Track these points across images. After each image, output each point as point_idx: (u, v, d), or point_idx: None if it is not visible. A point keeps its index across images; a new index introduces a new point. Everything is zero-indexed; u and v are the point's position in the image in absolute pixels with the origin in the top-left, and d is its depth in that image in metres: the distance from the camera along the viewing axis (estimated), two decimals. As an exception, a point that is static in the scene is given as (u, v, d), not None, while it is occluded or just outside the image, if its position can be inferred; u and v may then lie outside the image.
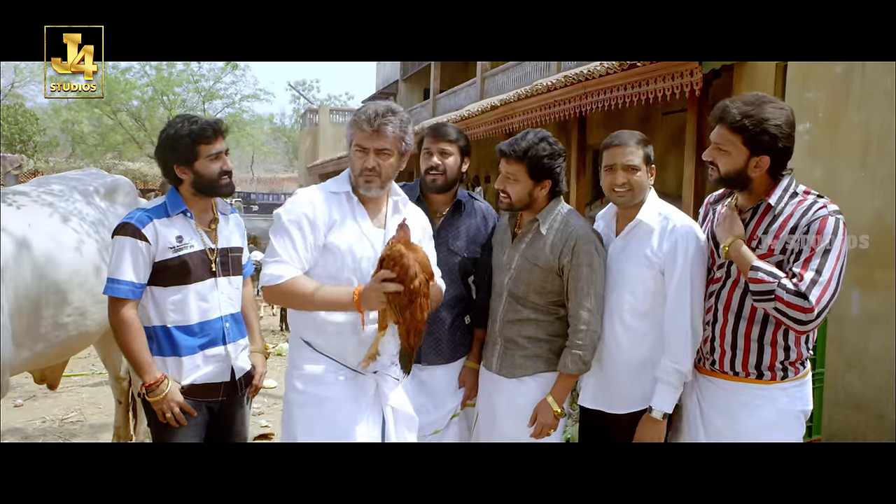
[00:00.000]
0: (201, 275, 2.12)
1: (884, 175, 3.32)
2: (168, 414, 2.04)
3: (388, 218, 2.07)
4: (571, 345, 2.10)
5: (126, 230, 2.05)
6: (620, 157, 2.06)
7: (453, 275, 2.35)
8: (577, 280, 2.08)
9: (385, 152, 1.96)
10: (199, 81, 21.60)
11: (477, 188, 12.56)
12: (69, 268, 2.59)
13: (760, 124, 1.78)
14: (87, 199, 2.93)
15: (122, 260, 2.03)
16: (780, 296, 1.72)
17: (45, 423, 4.25)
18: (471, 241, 2.39)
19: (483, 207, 2.48)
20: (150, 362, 2.04)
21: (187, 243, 2.11)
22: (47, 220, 2.66)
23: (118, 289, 2.03)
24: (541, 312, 2.18)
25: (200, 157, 2.09)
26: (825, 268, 1.72)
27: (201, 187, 2.13)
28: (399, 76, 23.57)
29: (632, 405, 2.09)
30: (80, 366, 5.47)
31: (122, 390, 3.46)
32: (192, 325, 2.11)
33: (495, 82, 14.48)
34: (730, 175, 1.86)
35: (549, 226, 2.15)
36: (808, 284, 1.70)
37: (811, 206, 1.80)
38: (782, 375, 1.89)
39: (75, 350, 2.84)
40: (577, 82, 6.67)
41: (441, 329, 2.36)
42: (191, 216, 2.15)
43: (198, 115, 2.19)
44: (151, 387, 2.03)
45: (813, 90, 3.69)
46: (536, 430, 2.13)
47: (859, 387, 3.42)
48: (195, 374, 2.11)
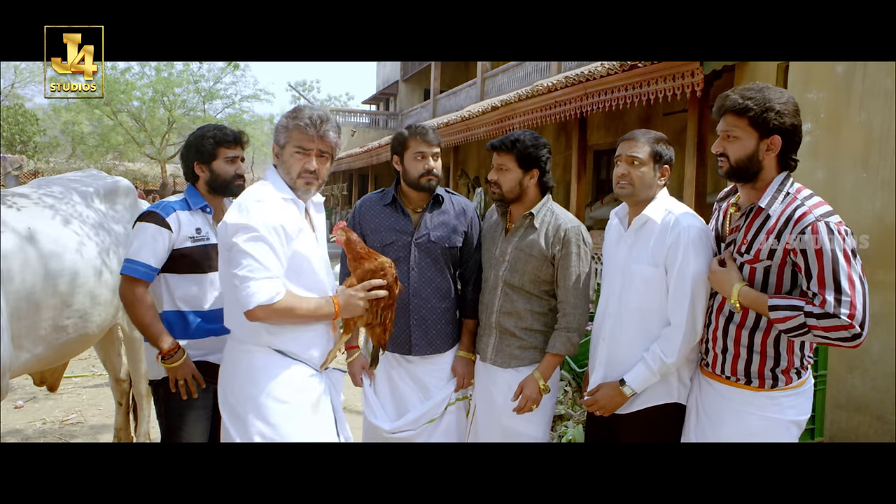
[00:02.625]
0: (216, 266, 2.20)
1: (885, 176, 3.32)
2: (181, 382, 2.16)
3: (313, 220, 2.07)
4: (560, 326, 2.27)
5: (151, 217, 2.21)
6: (626, 149, 2.10)
7: (439, 264, 2.43)
8: (566, 267, 2.26)
9: (325, 156, 1.98)
10: (199, 82, 21.54)
11: (477, 189, 12.55)
12: (70, 270, 2.58)
13: (765, 103, 1.75)
14: (87, 202, 2.92)
15: (143, 244, 2.18)
16: (812, 325, 1.65)
17: (46, 425, 4.24)
18: (451, 232, 2.45)
19: (461, 201, 2.55)
20: (164, 330, 2.17)
21: (205, 235, 2.28)
22: (49, 222, 2.65)
23: (135, 269, 2.17)
24: (535, 303, 2.31)
25: (219, 158, 2.31)
26: (841, 279, 1.64)
27: (216, 186, 2.33)
28: (399, 76, 23.56)
29: (636, 404, 2.08)
30: (80, 367, 5.46)
31: (123, 392, 3.45)
32: (206, 310, 2.26)
33: (496, 83, 14.48)
34: (741, 162, 1.80)
35: (542, 220, 2.31)
36: (833, 305, 1.63)
37: (795, 210, 1.73)
38: (772, 384, 1.84)
39: (75, 352, 2.83)
40: (578, 83, 6.67)
41: (431, 319, 2.43)
42: (210, 211, 2.33)
43: (225, 125, 2.41)
44: (170, 352, 2.15)
45: (814, 90, 3.68)
46: (521, 404, 2.26)
47: (860, 388, 3.41)
48: (206, 355, 2.24)
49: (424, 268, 2.40)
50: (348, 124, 23.46)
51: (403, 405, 2.44)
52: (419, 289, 2.40)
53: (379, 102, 28.67)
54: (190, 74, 21.20)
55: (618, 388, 2.05)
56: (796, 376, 1.86)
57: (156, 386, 2.29)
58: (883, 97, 3.33)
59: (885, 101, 3.32)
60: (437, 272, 2.41)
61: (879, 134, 3.35)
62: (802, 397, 1.88)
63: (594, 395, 2.12)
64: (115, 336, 3.35)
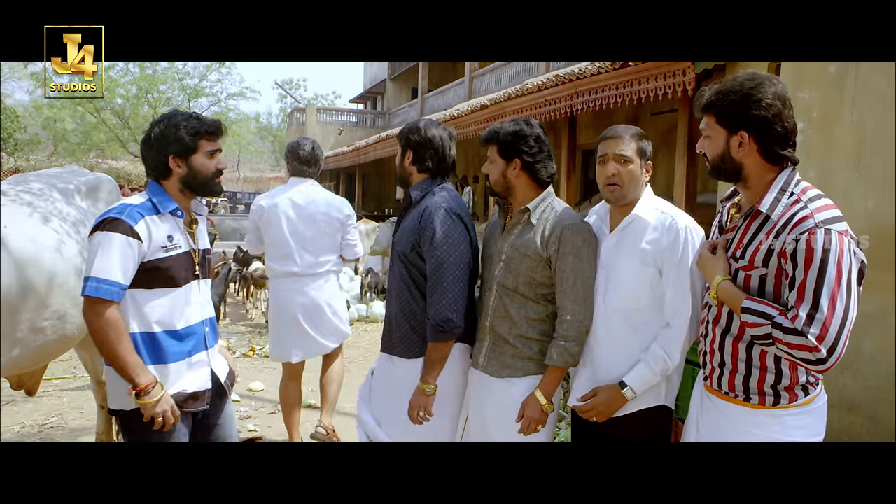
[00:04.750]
0: (188, 277, 2.04)
1: (878, 175, 3.31)
2: (159, 419, 1.91)
3: None
4: (558, 335, 2.06)
5: (116, 226, 1.87)
6: (613, 147, 2.03)
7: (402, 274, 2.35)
8: (563, 270, 2.05)
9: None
10: (184, 79, 21.34)
11: (466, 188, 12.51)
12: (48, 270, 2.50)
13: (727, 95, 1.62)
14: (68, 199, 2.83)
15: (110, 258, 1.84)
16: (777, 338, 1.51)
17: (25, 429, 4.13)
18: (409, 236, 2.29)
19: (428, 202, 2.30)
20: (141, 364, 1.90)
21: (176, 243, 2.00)
22: (26, 220, 2.56)
23: (105, 290, 1.84)
24: (531, 308, 2.12)
25: (199, 151, 2.01)
26: (822, 296, 1.48)
27: (193, 184, 2.03)
28: (387, 75, 23.50)
29: (627, 407, 2.03)
30: (60, 369, 5.34)
31: (104, 394, 3.36)
32: (179, 329, 2.01)
33: (484, 82, 14.45)
34: (715, 162, 1.71)
35: (540, 216, 2.13)
36: (804, 321, 1.48)
37: (796, 213, 1.57)
38: (773, 401, 1.67)
39: (54, 355, 2.75)
40: (568, 82, 6.65)
41: (393, 328, 2.36)
42: (181, 215, 2.04)
43: (196, 112, 2.14)
44: (146, 389, 1.87)
45: (806, 90, 3.67)
46: (524, 426, 2.08)
47: (853, 388, 3.40)
48: (180, 383, 2.02)
49: (394, 272, 2.38)
50: (335, 123, 23.33)
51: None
52: (389, 300, 2.41)
53: (366, 101, 28.58)
54: (175, 72, 20.99)
55: (618, 391, 1.98)
56: (802, 393, 1.67)
57: (124, 418, 1.99)
58: (875, 97, 3.33)
59: (877, 100, 3.32)
60: (399, 278, 2.33)
61: (872, 133, 3.35)
62: (812, 416, 1.69)
63: (591, 401, 2.04)
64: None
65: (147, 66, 20.11)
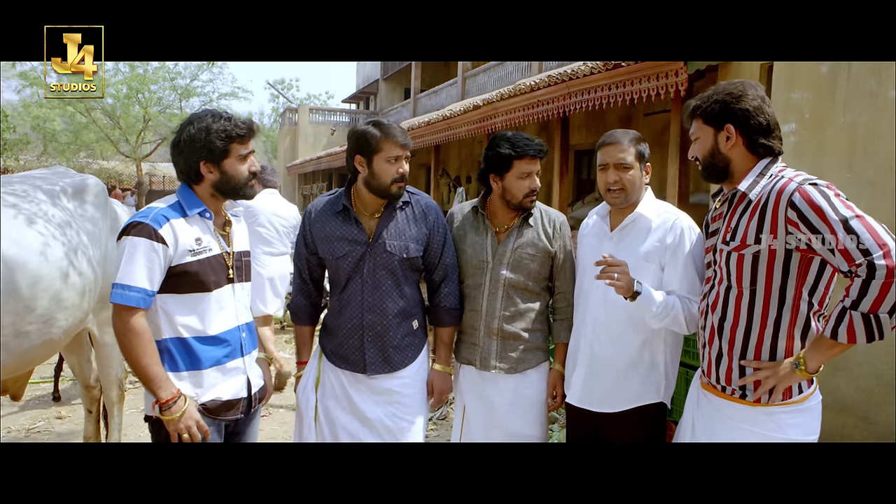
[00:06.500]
0: (220, 281, 1.96)
1: (870, 176, 3.31)
2: (185, 435, 1.84)
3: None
4: (564, 316, 2.33)
5: (140, 230, 1.82)
6: (613, 155, 2.07)
7: (396, 276, 2.22)
8: (564, 260, 2.33)
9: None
10: (176, 79, 21.17)
11: (458, 189, 12.48)
12: (33, 273, 2.45)
13: (711, 97, 1.78)
14: (53, 200, 2.77)
15: (135, 264, 1.80)
16: (876, 300, 1.51)
17: (11, 433, 4.07)
18: (410, 240, 2.23)
19: (423, 202, 2.30)
20: (165, 376, 1.84)
21: (206, 246, 1.93)
22: (10, 222, 2.51)
23: (130, 296, 1.80)
24: (534, 300, 2.31)
25: (231, 156, 1.93)
26: (854, 227, 1.51)
27: (226, 189, 1.96)
28: (379, 75, 23.47)
29: (622, 404, 2.07)
30: (48, 372, 5.27)
31: (93, 399, 3.32)
32: (213, 335, 1.94)
33: (476, 82, 14.44)
34: (706, 160, 1.80)
35: (534, 217, 2.32)
36: (865, 266, 1.48)
37: (775, 185, 1.63)
38: (767, 397, 1.70)
39: (40, 360, 2.70)
40: (561, 82, 6.64)
41: (387, 337, 2.24)
42: (210, 217, 1.98)
43: (227, 111, 2.01)
44: (168, 403, 1.82)
45: (798, 91, 3.67)
46: (560, 400, 2.31)
47: (845, 389, 3.41)
48: (215, 390, 1.95)
49: (380, 280, 2.20)
50: (328, 123, 23.27)
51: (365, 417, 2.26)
52: (374, 304, 2.21)
53: (359, 101, 28.55)
54: (166, 72, 20.83)
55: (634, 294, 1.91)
56: (796, 390, 1.70)
57: (155, 425, 1.91)
58: (867, 97, 3.33)
59: (869, 101, 3.32)
60: (393, 285, 2.21)
61: (864, 134, 3.35)
62: (806, 415, 1.71)
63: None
64: (84, 341, 3.22)
65: (137, 66, 19.93)
